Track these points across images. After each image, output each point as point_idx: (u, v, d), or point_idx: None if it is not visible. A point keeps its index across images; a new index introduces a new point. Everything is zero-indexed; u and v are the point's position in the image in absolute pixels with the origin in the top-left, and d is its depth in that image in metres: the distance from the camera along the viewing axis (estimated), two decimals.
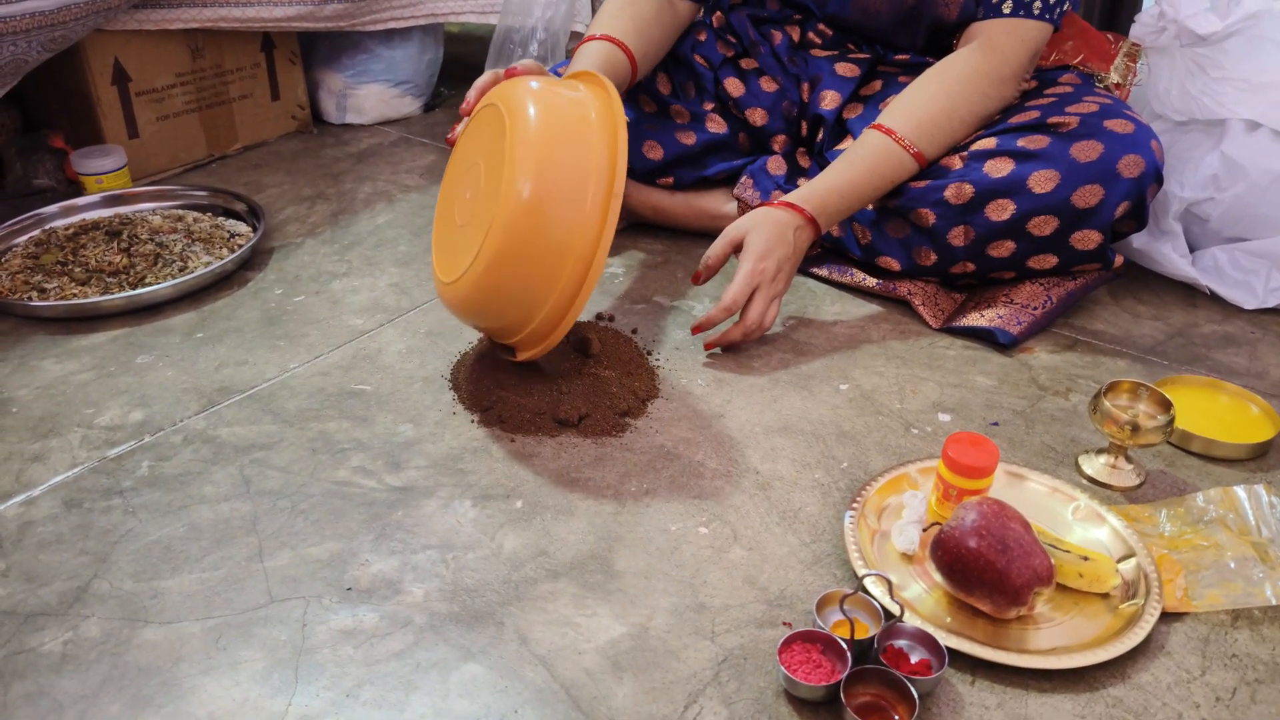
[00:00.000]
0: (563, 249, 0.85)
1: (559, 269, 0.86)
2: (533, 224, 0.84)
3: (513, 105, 0.88)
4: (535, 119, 0.86)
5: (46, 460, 0.89)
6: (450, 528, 0.81)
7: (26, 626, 0.72)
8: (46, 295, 1.13)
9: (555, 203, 0.85)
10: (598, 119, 0.88)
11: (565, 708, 0.66)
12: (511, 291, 0.88)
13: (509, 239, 0.84)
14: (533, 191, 0.84)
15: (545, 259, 0.86)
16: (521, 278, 0.87)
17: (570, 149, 0.86)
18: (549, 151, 0.85)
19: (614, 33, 1.14)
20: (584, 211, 0.85)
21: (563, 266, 0.86)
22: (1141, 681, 0.68)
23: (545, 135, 0.85)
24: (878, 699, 0.65)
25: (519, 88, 0.90)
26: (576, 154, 0.86)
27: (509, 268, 0.86)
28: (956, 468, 0.78)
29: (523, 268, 0.86)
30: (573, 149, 0.86)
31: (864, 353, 1.07)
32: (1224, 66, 1.15)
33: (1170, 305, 1.18)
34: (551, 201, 0.84)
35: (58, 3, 1.21)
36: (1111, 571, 0.74)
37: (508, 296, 0.89)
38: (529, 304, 0.89)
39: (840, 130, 1.23)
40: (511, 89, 0.90)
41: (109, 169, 1.38)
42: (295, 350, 1.06)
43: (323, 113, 1.76)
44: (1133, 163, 1.02)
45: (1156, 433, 0.84)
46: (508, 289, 0.88)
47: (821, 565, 0.78)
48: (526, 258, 0.86)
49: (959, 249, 1.08)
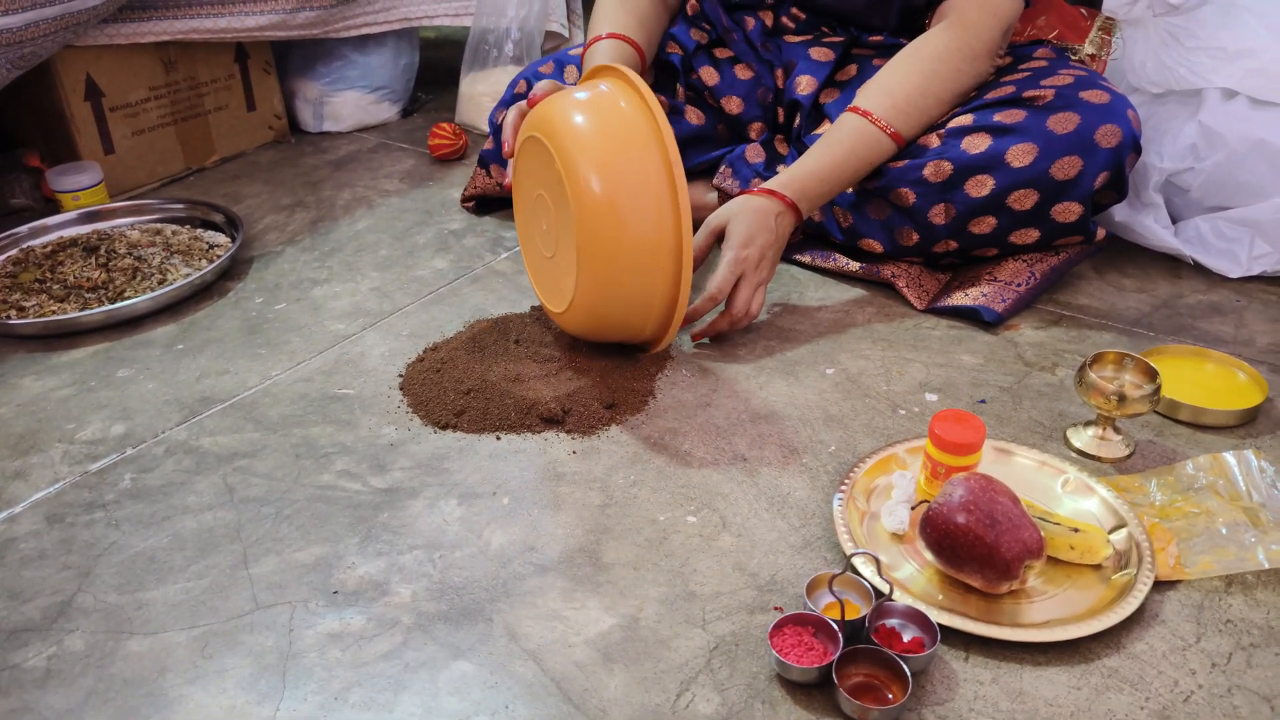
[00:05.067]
0: (649, 233, 0.88)
1: (655, 255, 0.89)
2: (613, 220, 0.87)
3: (549, 128, 0.90)
4: (577, 128, 0.88)
5: (28, 477, 0.88)
6: (436, 527, 0.80)
7: (10, 643, 0.71)
8: (25, 313, 1.12)
9: (625, 192, 0.87)
10: (630, 106, 0.90)
11: (557, 701, 0.65)
12: (620, 293, 0.91)
13: (597, 242, 0.87)
14: (602, 188, 0.86)
15: (638, 250, 0.88)
16: (624, 274, 0.89)
17: (620, 141, 0.88)
18: (603, 149, 0.88)
19: (619, 29, 1.15)
20: (654, 193, 0.88)
21: (657, 250, 0.89)
22: (1136, 651, 0.68)
23: (593, 136, 0.88)
24: (871, 679, 0.65)
25: (547, 110, 0.92)
26: (626, 143, 0.88)
27: (607, 271, 0.89)
28: (943, 445, 0.77)
29: (620, 265, 0.89)
30: (622, 140, 0.88)
31: (849, 336, 1.06)
32: (1198, 36, 1.14)
33: (1154, 277, 1.18)
34: (621, 192, 0.87)
35: (25, 20, 1.20)
36: (1103, 542, 0.74)
37: (620, 299, 0.91)
38: (642, 302, 0.92)
39: (817, 115, 1.22)
40: (541, 114, 0.92)
41: (85, 185, 1.38)
42: (277, 358, 1.05)
43: (300, 121, 1.75)
44: (1110, 132, 1.02)
45: (1143, 402, 0.84)
46: (616, 292, 0.91)
47: (811, 549, 0.77)
48: (620, 254, 0.88)
49: (940, 227, 1.08)
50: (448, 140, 1.58)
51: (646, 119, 0.89)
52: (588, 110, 0.90)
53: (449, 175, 1.55)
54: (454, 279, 1.21)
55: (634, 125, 0.89)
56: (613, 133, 0.88)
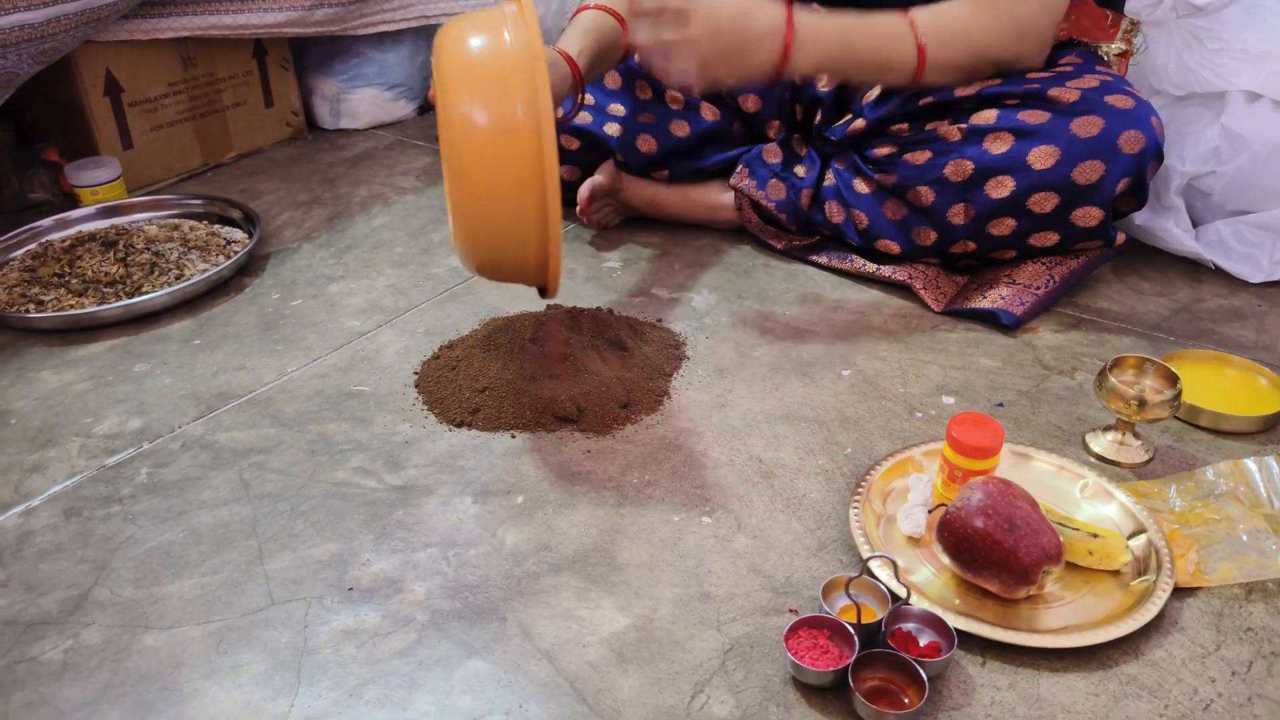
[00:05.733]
0: (511, 150, 0.83)
1: (521, 178, 0.83)
2: (472, 139, 0.83)
3: (436, 53, 0.87)
4: (450, 50, 0.85)
5: (45, 470, 0.89)
6: (451, 525, 0.80)
7: (27, 636, 0.71)
8: (44, 307, 1.13)
9: (483, 109, 0.82)
10: (513, 35, 0.85)
11: (570, 701, 0.65)
12: (491, 222, 0.85)
13: (459, 164, 0.83)
14: (458, 109, 0.82)
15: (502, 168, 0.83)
16: (492, 200, 0.84)
17: (483, 61, 0.84)
18: (463, 70, 0.84)
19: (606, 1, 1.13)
20: (516, 111, 0.82)
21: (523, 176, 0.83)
22: (1155, 658, 0.67)
23: (458, 59, 0.84)
24: (887, 683, 0.64)
25: (441, 36, 0.89)
26: (489, 62, 0.84)
27: (473, 195, 0.84)
28: (961, 448, 0.77)
29: (486, 188, 0.84)
30: (486, 60, 0.84)
31: (865, 338, 1.06)
32: (1221, 38, 1.13)
33: (1175, 281, 1.17)
34: (477, 108, 0.82)
35: (46, 15, 1.21)
36: (1122, 548, 0.73)
37: (491, 230, 0.86)
38: (515, 233, 0.86)
39: (841, 107, 1.21)
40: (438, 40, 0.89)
41: (104, 181, 1.38)
42: (293, 354, 1.06)
43: (317, 118, 1.76)
44: (1133, 138, 1.01)
45: (1164, 407, 0.83)
46: (486, 221, 0.85)
47: (827, 551, 0.77)
48: (486, 177, 0.83)
49: (959, 227, 1.07)
50: None
51: (523, 39, 0.84)
52: (464, 35, 0.87)
53: None
54: (469, 277, 1.21)
55: (502, 49, 0.84)
56: (485, 52, 0.85)
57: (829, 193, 1.18)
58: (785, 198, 1.20)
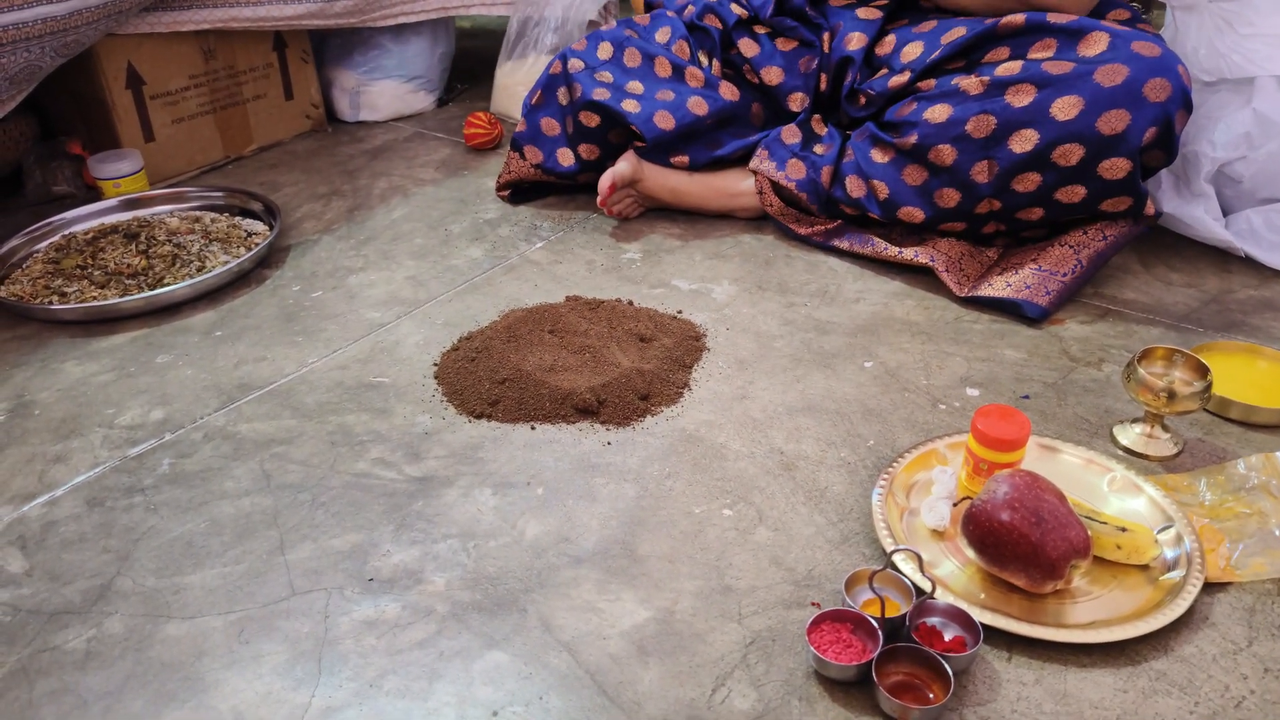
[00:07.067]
0: None
1: None
2: None
3: None
4: None
5: (68, 461, 0.89)
6: (471, 516, 0.80)
7: (51, 625, 0.72)
8: (67, 299, 1.13)
9: None
10: None
11: (591, 693, 0.64)
12: None
13: None
14: None
15: None
16: None
17: None
18: None
19: None
20: None
21: None
22: (1185, 654, 0.66)
23: None
24: (911, 677, 0.64)
25: None
26: None
27: None
28: (986, 441, 0.75)
29: None
30: None
31: (888, 329, 1.04)
32: (1253, 22, 1.11)
33: (1203, 271, 1.15)
34: None
35: (69, 7, 1.21)
36: (1151, 542, 0.72)
37: None
38: None
39: (871, 67, 1.20)
40: None
41: (126, 173, 1.39)
42: (313, 345, 1.06)
43: (337, 111, 1.76)
44: (1159, 86, 0.99)
45: (1193, 399, 0.82)
46: None
47: (850, 544, 0.76)
48: None
49: (983, 185, 1.06)
50: (483, 130, 1.58)
51: None
52: None
53: (484, 165, 1.54)
54: (489, 268, 1.20)
55: None
56: None
57: (848, 168, 1.17)
58: (805, 176, 1.20)
